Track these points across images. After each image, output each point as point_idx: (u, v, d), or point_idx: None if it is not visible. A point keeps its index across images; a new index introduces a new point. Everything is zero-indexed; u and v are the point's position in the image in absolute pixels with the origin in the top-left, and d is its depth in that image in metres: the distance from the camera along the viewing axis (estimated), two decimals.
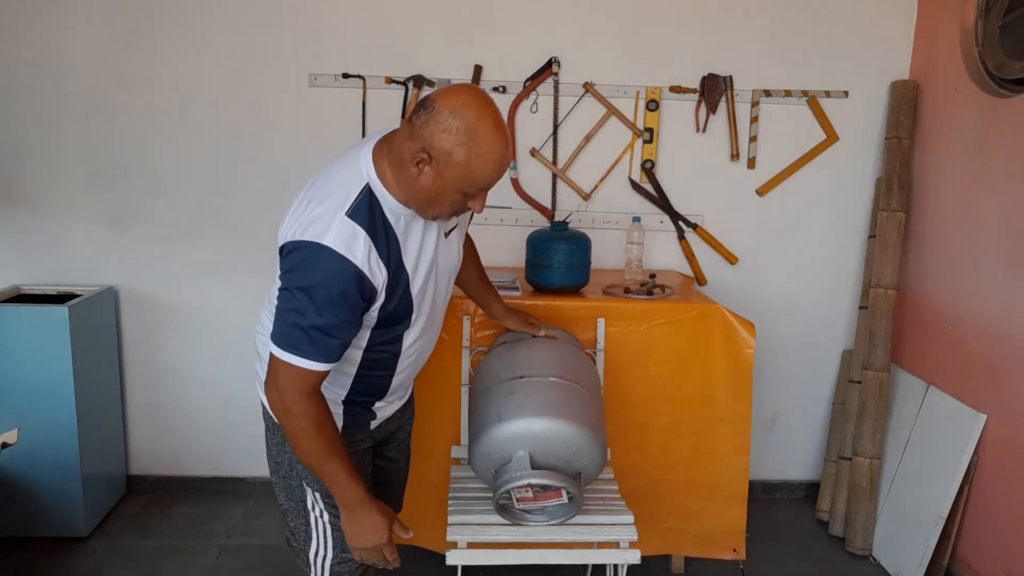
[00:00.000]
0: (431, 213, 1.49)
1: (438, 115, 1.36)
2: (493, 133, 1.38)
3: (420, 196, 1.45)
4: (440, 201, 1.45)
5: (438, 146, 1.37)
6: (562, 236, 2.38)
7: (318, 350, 1.42)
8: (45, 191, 2.78)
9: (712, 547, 2.46)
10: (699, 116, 2.83)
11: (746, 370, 2.34)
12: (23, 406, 2.53)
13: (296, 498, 1.69)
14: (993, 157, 2.39)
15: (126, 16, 2.68)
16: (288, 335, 1.42)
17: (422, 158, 1.39)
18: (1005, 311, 2.31)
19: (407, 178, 1.43)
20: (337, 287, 1.39)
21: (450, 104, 1.37)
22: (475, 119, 1.37)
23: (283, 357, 1.42)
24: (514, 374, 1.92)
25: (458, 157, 1.38)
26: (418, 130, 1.39)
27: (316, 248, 1.39)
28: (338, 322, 1.42)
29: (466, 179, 1.41)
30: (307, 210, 1.44)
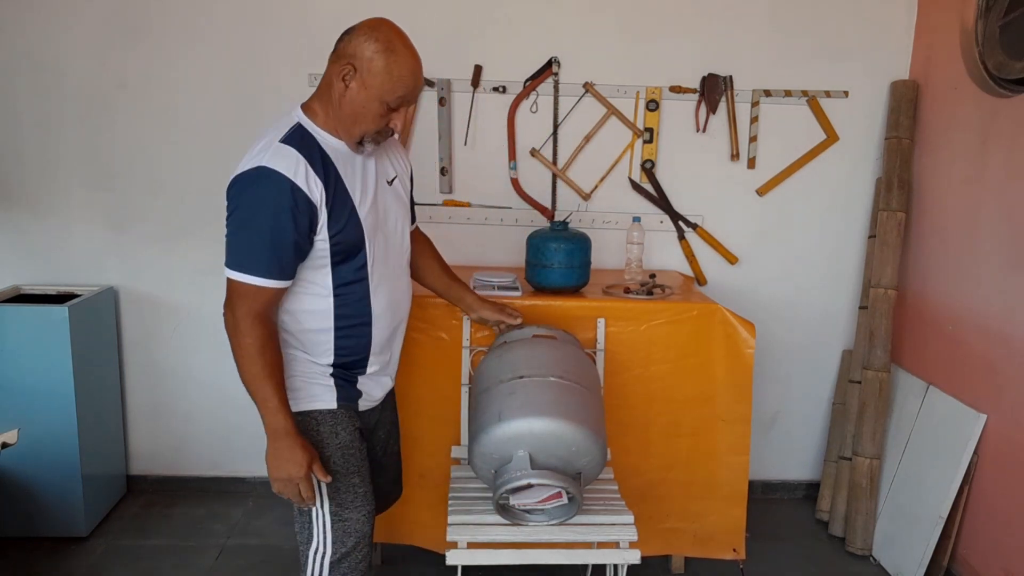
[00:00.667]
0: (357, 130, 1.61)
1: (359, 34, 1.57)
2: (406, 45, 1.60)
3: (346, 113, 1.59)
4: (364, 115, 1.59)
5: (360, 55, 1.56)
6: (562, 236, 2.38)
7: (265, 266, 1.56)
8: (45, 191, 2.78)
9: (712, 547, 2.46)
10: (699, 116, 2.83)
11: (746, 370, 2.34)
12: (23, 406, 2.53)
13: None
14: (993, 157, 2.39)
15: (125, 16, 2.68)
16: (236, 255, 1.58)
17: (347, 71, 1.56)
18: (1005, 311, 2.31)
19: (334, 99, 1.59)
20: (277, 200, 1.53)
21: (369, 24, 1.59)
22: (391, 34, 1.59)
23: (234, 276, 1.58)
24: (514, 374, 1.92)
25: (379, 64, 1.55)
26: (342, 50, 1.59)
27: (253, 172, 1.54)
28: (282, 237, 1.55)
29: (387, 86, 1.57)
30: (245, 157, 1.60)
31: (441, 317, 2.33)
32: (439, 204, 2.85)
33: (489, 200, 2.86)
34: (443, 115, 2.77)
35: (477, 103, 2.79)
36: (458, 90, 2.77)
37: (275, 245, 1.55)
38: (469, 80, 2.76)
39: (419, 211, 2.82)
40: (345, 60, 1.57)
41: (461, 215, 2.85)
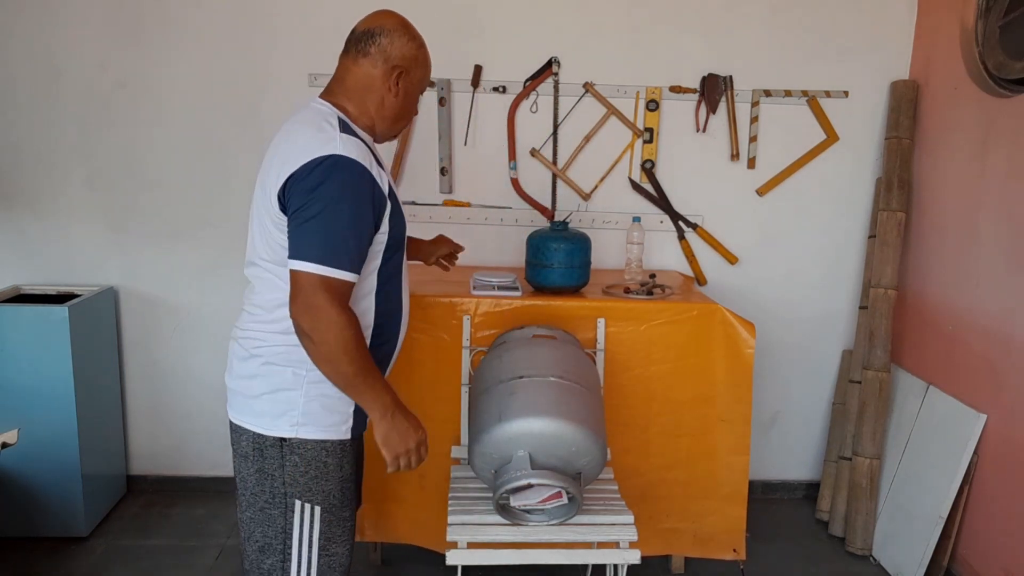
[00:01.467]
0: (401, 124, 1.66)
1: (398, 35, 1.59)
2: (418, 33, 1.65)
3: (393, 111, 1.62)
4: (409, 108, 1.65)
5: (406, 55, 1.59)
6: (562, 236, 2.38)
7: (349, 259, 1.45)
8: (45, 191, 2.78)
9: (712, 547, 2.46)
10: (699, 116, 2.83)
11: (746, 370, 2.34)
12: (23, 406, 2.53)
13: (276, 531, 1.61)
14: (993, 157, 2.39)
15: (125, 16, 2.68)
16: (321, 248, 1.42)
17: (398, 73, 1.58)
18: (1005, 311, 2.31)
19: (378, 101, 1.60)
20: (357, 189, 1.46)
21: (399, 22, 1.61)
22: (410, 25, 1.64)
23: (315, 270, 1.42)
24: (514, 374, 1.92)
25: (422, 57, 1.63)
26: (380, 55, 1.58)
27: (332, 159, 1.44)
28: (365, 228, 1.48)
29: (424, 76, 1.65)
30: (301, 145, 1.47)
31: (441, 317, 2.33)
32: (439, 204, 2.85)
33: (489, 200, 2.86)
34: (443, 115, 2.77)
35: (477, 103, 2.79)
36: (458, 90, 2.77)
37: (358, 236, 1.47)
38: (469, 80, 2.76)
39: (419, 211, 2.85)
40: (391, 64, 1.58)
41: (461, 215, 2.85)
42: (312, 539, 1.61)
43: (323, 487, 1.60)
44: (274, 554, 1.61)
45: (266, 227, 1.52)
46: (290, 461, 1.58)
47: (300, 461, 1.58)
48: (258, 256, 1.57)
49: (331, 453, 1.60)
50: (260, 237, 1.56)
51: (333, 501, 1.62)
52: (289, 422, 1.57)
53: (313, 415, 1.57)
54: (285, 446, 1.57)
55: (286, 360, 1.55)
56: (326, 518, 1.61)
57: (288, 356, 1.55)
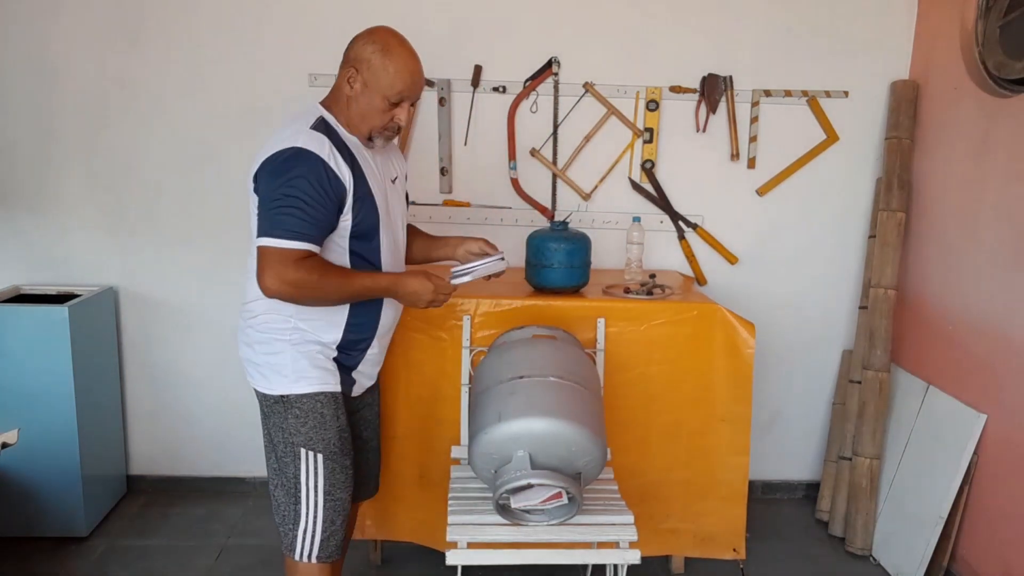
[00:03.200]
0: (365, 126, 1.76)
1: (360, 39, 1.75)
2: (401, 44, 1.75)
3: (355, 112, 1.75)
4: (370, 111, 1.74)
5: (360, 58, 1.72)
6: (562, 236, 2.38)
7: (306, 231, 1.64)
8: (45, 191, 2.78)
9: (712, 547, 2.46)
10: (699, 116, 2.83)
11: (746, 370, 2.34)
12: (23, 406, 2.53)
13: (289, 475, 1.80)
14: (993, 157, 2.39)
15: (125, 17, 2.68)
16: (272, 223, 1.63)
17: (351, 73, 1.73)
18: (1005, 311, 2.31)
19: (345, 101, 1.75)
20: (313, 175, 1.64)
21: (368, 30, 1.77)
22: (387, 36, 1.75)
23: (274, 243, 1.63)
24: (514, 374, 1.92)
25: (376, 62, 1.71)
26: (346, 56, 1.76)
27: (291, 151, 1.64)
28: (317, 204, 1.64)
29: (385, 82, 1.72)
30: (272, 143, 1.68)
31: (441, 317, 2.33)
32: (439, 204, 2.85)
33: (489, 200, 2.86)
34: (443, 115, 2.77)
35: (477, 103, 2.79)
36: (458, 90, 2.77)
37: (312, 212, 1.64)
38: (469, 80, 2.76)
39: (419, 211, 2.85)
40: (349, 64, 1.74)
41: (461, 215, 2.85)
42: (318, 485, 1.79)
43: (323, 436, 1.78)
44: (288, 495, 1.81)
45: (251, 212, 1.73)
46: (292, 414, 1.77)
47: (300, 413, 1.77)
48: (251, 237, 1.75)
49: (326, 404, 1.79)
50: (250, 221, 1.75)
51: (333, 448, 1.80)
52: (284, 381, 1.77)
53: (303, 372, 1.77)
54: (285, 402, 1.78)
55: (271, 328, 1.77)
56: (329, 465, 1.79)
57: (271, 324, 1.77)
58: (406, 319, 2.33)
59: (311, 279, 1.65)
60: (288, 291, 1.66)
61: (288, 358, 1.77)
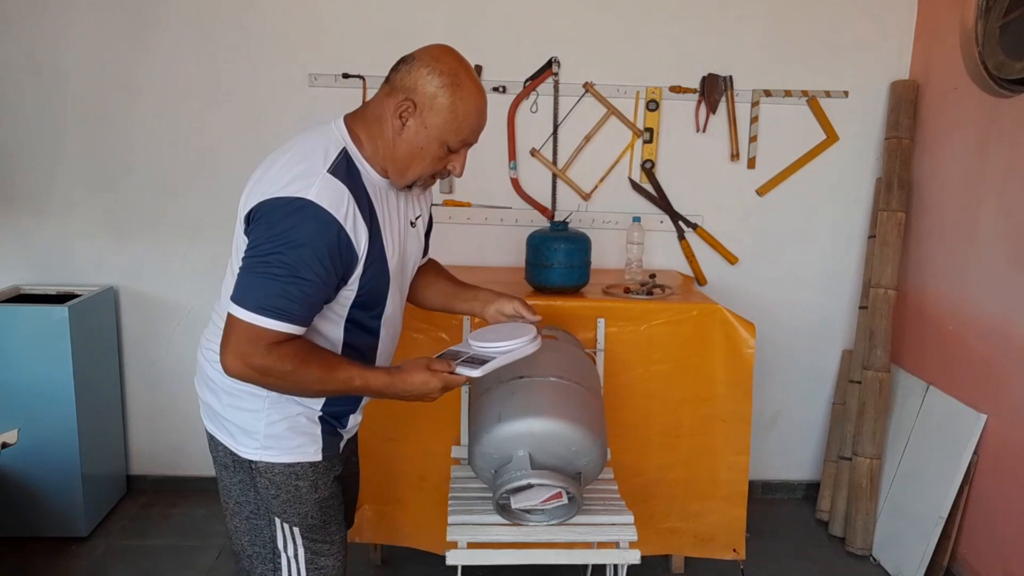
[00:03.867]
0: (411, 173, 1.43)
1: (421, 65, 1.37)
2: (473, 79, 1.40)
3: (401, 153, 1.41)
4: (422, 156, 1.41)
5: (423, 91, 1.36)
6: (562, 236, 2.38)
7: (291, 311, 1.31)
8: (45, 191, 2.78)
9: (712, 547, 2.46)
10: (699, 116, 2.83)
11: (746, 370, 2.34)
12: (23, 406, 2.53)
13: (264, 540, 1.56)
14: (993, 157, 2.39)
15: (126, 17, 2.68)
16: (258, 295, 1.30)
17: (406, 107, 1.37)
18: (1005, 311, 2.31)
19: (387, 136, 1.40)
20: (320, 243, 1.31)
21: (431, 53, 1.39)
22: (457, 65, 1.38)
23: (247, 318, 1.30)
24: (514, 374, 1.92)
25: (443, 101, 1.37)
26: (398, 82, 1.39)
27: (300, 203, 1.30)
28: (315, 281, 1.32)
29: (450, 126, 1.39)
30: (281, 173, 1.35)
31: (441, 317, 2.33)
32: (439, 204, 2.85)
33: (489, 200, 2.86)
34: None
35: None
36: None
37: (308, 291, 1.32)
38: None
39: None
40: (403, 95, 1.38)
41: (461, 215, 2.85)
42: (298, 554, 1.55)
43: (298, 510, 1.52)
44: (264, 562, 1.57)
45: (239, 243, 1.43)
46: (261, 483, 1.50)
47: (270, 484, 1.50)
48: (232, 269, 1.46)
49: (302, 476, 1.50)
50: (236, 251, 1.45)
51: (312, 522, 1.53)
52: (254, 445, 1.48)
53: (277, 438, 1.48)
54: (254, 468, 1.50)
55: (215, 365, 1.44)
56: (308, 536, 1.54)
57: None
58: (406, 319, 2.32)
59: (283, 369, 1.32)
60: (251, 376, 1.33)
61: (262, 420, 1.46)
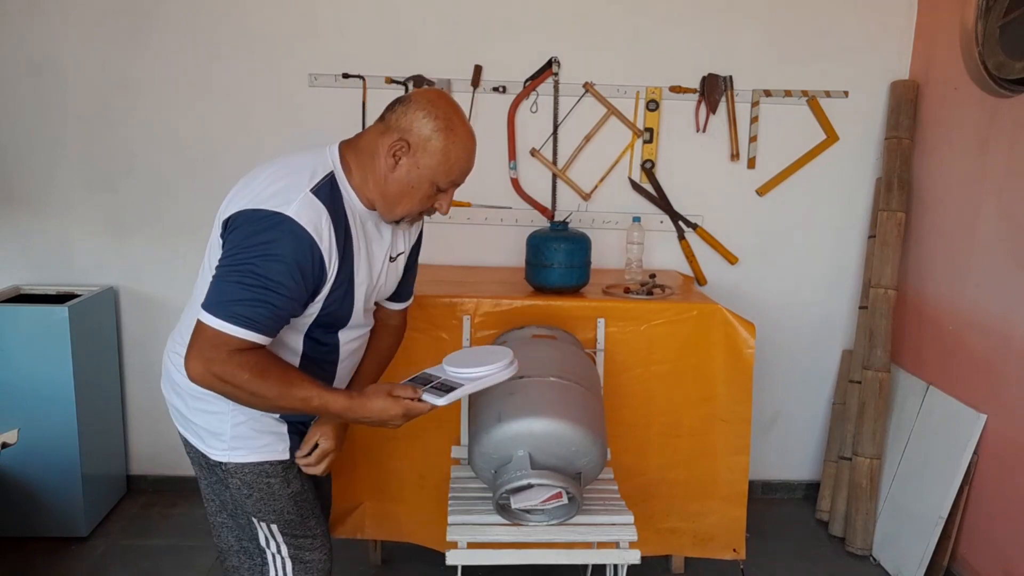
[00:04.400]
0: (400, 209, 1.48)
1: (416, 108, 1.43)
2: (465, 125, 1.47)
3: (391, 190, 1.45)
4: (412, 194, 1.46)
5: (417, 133, 1.42)
6: (562, 236, 2.38)
7: (259, 320, 1.33)
8: (45, 191, 2.78)
9: (712, 547, 2.46)
10: (699, 116, 2.83)
11: (746, 370, 2.34)
12: (23, 406, 2.53)
13: (247, 537, 1.61)
14: (993, 157, 2.39)
15: (126, 17, 2.68)
16: (227, 302, 1.32)
17: (400, 147, 1.42)
18: (1005, 311, 2.31)
19: (378, 173, 1.45)
20: (293, 258, 1.34)
21: (427, 97, 1.45)
22: (451, 110, 1.45)
23: (215, 324, 1.32)
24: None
25: (437, 144, 1.42)
26: (395, 122, 1.44)
27: (278, 218, 1.34)
28: (285, 294, 1.35)
29: (441, 168, 1.44)
30: (264, 185, 1.39)
31: (441, 317, 2.33)
32: None
33: (489, 200, 2.86)
34: None
35: (477, 103, 2.79)
36: (458, 90, 2.77)
37: (277, 303, 1.35)
38: (469, 80, 2.76)
39: None
40: (398, 135, 1.43)
41: (461, 215, 2.85)
42: (281, 550, 1.58)
43: (273, 507, 1.54)
44: (251, 557, 1.61)
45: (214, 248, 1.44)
46: (233, 484, 1.52)
47: (242, 484, 1.52)
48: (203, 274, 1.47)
49: (272, 474, 1.53)
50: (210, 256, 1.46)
51: (290, 517, 1.56)
52: (221, 447, 1.51)
53: (243, 439, 1.51)
54: (224, 469, 1.52)
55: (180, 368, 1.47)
56: (288, 531, 1.56)
57: None
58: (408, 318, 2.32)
59: (242, 378, 1.33)
60: (211, 382, 1.35)
61: (227, 422, 1.49)
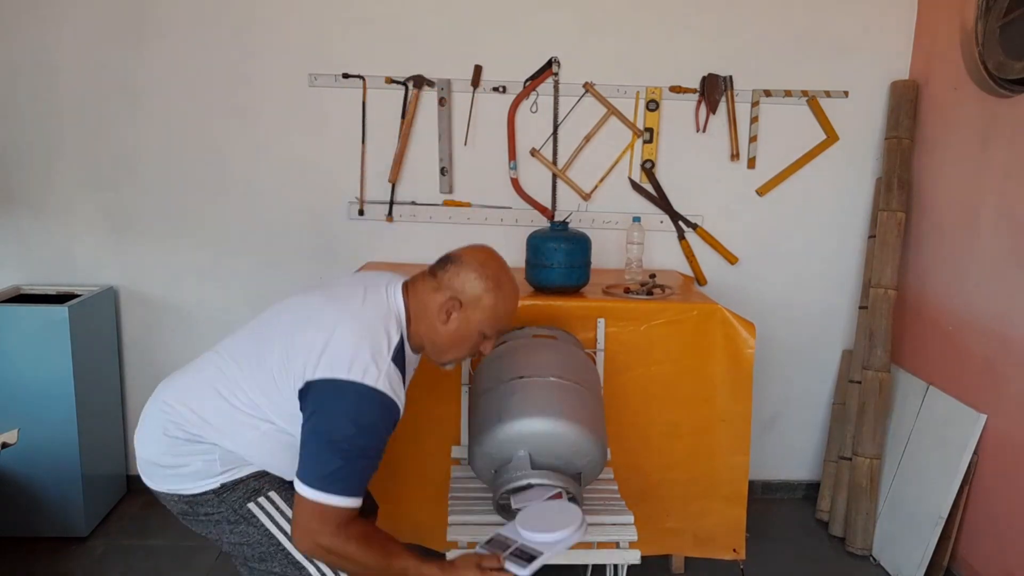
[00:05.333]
0: (449, 356, 1.64)
1: (468, 269, 1.58)
2: (512, 282, 1.64)
3: (443, 342, 1.60)
4: (462, 344, 1.61)
5: (470, 292, 1.57)
6: (562, 236, 2.38)
7: (358, 486, 1.44)
8: (45, 191, 2.78)
9: (712, 547, 2.46)
10: (699, 116, 2.83)
11: (746, 370, 2.34)
12: (23, 406, 2.53)
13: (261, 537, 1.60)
14: (993, 157, 2.39)
15: (126, 17, 2.68)
16: (328, 476, 1.40)
17: (453, 305, 1.57)
18: (1005, 311, 2.31)
19: (431, 324, 1.58)
20: (384, 425, 1.47)
21: (477, 259, 1.60)
22: (499, 269, 1.62)
23: (319, 498, 1.40)
24: (514, 374, 1.92)
25: (487, 301, 1.58)
26: (447, 282, 1.58)
27: (368, 393, 1.43)
28: (376, 456, 1.47)
29: (490, 321, 1.60)
30: (344, 349, 1.45)
31: None
32: (439, 204, 2.85)
33: (489, 200, 2.86)
34: (443, 115, 2.77)
35: (477, 103, 2.79)
36: (458, 90, 2.77)
37: (374, 464, 1.48)
38: (469, 80, 2.76)
39: (419, 211, 2.85)
40: (450, 293, 1.57)
41: (461, 215, 2.85)
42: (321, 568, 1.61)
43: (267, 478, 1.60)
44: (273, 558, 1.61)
45: (274, 382, 1.50)
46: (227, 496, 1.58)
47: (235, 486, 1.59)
48: (245, 391, 1.53)
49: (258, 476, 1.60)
50: (260, 378, 1.52)
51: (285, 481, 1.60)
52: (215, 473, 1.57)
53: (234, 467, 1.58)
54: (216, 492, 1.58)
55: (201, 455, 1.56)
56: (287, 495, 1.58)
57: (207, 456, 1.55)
58: None
59: (349, 549, 1.43)
60: (319, 554, 1.46)
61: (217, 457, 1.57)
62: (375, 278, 1.66)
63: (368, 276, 1.69)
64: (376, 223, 2.85)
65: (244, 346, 1.60)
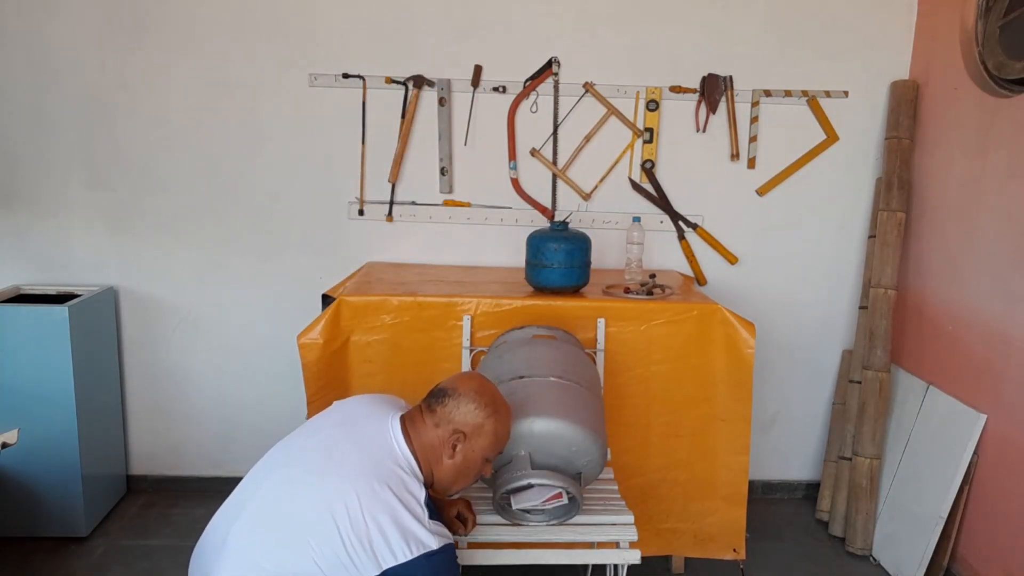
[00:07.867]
0: (458, 487, 1.67)
1: (467, 401, 1.62)
2: (505, 404, 1.69)
3: (450, 474, 1.63)
4: (469, 472, 1.65)
5: (472, 423, 1.62)
6: (562, 236, 2.38)
7: None
8: (45, 191, 2.78)
9: (712, 547, 2.46)
10: (699, 116, 2.83)
11: (746, 370, 2.34)
12: (23, 406, 2.53)
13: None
14: (993, 157, 2.39)
15: (126, 17, 2.68)
16: None
17: (458, 438, 1.61)
18: (1005, 311, 2.31)
19: (438, 462, 1.62)
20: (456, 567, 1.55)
21: (472, 388, 1.65)
22: (493, 395, 1.67)
23: None
24: (514, 374, 1.92)
25: (488, 427, 1.63)
26: (447, 416, 1.62)
27: (434, 554, 1.48)
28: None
29: (492, 445, 1.65)
30: (395, 523, 1.47)
31: (441, 317, 2.33)
32: (439, 204, 2.85)
33: (489, 200, 2.86)
34: (443, 115, 2.77)
35: (477, 103, 2.79)
36: (458, 90, 2.77)
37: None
38: (469, 80, 2.76)
39: (419, 211, 2.85)
40: (452, 426, 1.61)
41: (461, 215, 2.85)
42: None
43: None
44: None
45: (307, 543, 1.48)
46: None
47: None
48: (276, 557, 1.54)
49: None
50: (294, 538, 1.52)
51: None
52: None
53: None
54: None
55: None
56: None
57: None
58: (405, 318, 2.33)
59: None
60: None
61: None
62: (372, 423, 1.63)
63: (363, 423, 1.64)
64: (376, 223, 2.85)
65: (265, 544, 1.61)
